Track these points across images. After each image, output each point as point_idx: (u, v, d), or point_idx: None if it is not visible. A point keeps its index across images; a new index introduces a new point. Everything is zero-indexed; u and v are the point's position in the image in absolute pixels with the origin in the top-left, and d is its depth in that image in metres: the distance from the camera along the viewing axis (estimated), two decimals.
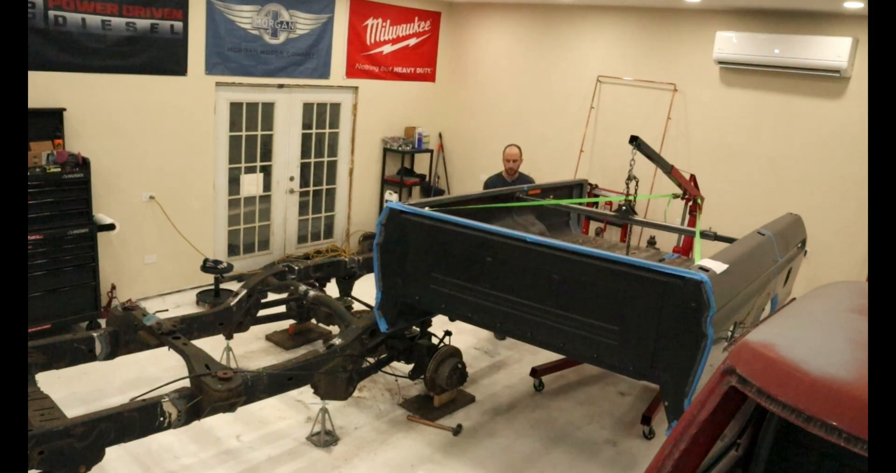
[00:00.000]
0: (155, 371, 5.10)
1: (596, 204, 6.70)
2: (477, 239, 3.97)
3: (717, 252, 3.85)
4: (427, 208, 4.32)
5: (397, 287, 4.41)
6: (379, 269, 4.39)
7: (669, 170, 5.30)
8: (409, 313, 4.63)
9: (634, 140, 4.73)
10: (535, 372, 5.55)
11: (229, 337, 5.17)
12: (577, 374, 5.89)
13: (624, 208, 5.26)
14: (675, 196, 5.85)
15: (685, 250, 6.16)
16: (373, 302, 5.12)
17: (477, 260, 4.00)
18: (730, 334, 3.64)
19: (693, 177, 6.22)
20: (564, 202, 5.82)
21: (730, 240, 4.90)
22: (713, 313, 3.22)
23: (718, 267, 3.46)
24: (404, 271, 4.35)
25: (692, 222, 5.91)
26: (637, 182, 5.05)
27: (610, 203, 6.92)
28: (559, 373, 5.84)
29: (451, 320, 4.75)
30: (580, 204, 5.97)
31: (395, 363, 5.18)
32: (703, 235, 4.98)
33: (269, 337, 6.00)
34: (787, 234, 4.86)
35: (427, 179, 9.10)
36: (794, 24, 6.33)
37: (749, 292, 3.82)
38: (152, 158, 6.30)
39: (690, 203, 5.89)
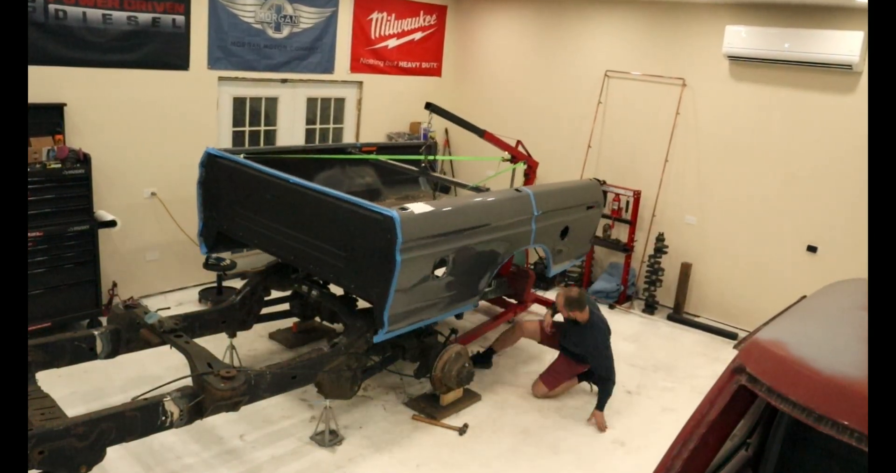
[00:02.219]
0: (157, 370, 5.05)
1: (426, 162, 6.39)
2: (262, 180, 4.76)
3: (444, 200, 4.78)
4: (242, 155, 5.20)
5: (213, 218, 5.25)
6: (200, 203, 5.28)
7: (482, 134, 6.13)
8: (225, 241, 5.37)
9: (429, 106, 5.76)
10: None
11: (232, 335, 5.14)
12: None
13: (423, 165, 6.02)
14: (504, 160, 6.39)
15: None
16: None
17: (262, 197, 4.80)
18: (440, 271, 4.41)
19: (519, 142, 6.46)
20: (384, 158, 6.36)
21: None
22: (401, 243, 3.94)
23: (419, 209, 4.22)
24: (217, 204, 5.19)
25: (528, 185, 6.33)
26: (435, 144, 6.15)
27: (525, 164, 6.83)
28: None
29: (248, 247, 5.50)
30: (392, 160, 6.32)
31: (400, 361, 5.12)
32: (477, 189, 5.72)
33: (272, 335, 5.94)
34: (563, 194, 5.65)
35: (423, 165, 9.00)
36: (804, 17, 6.24)
37: (465, 235, 4.50)
38: (154, 154, 6.24)
39: (525, 167, 6.45)
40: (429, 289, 4.38)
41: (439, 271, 4.42)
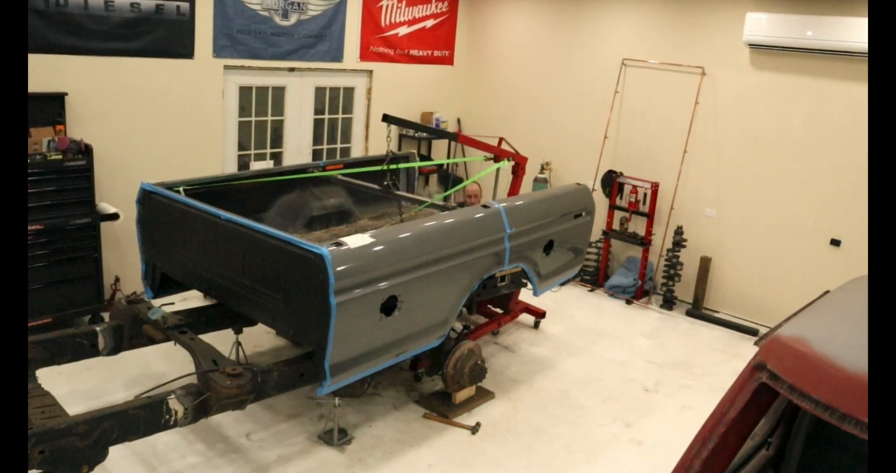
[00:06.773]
0: (161, 367, 5.02)
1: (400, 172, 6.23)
2: (195, 216, 4.37)
3: (390, 228, 4.42)
4: (181, 189, 4.81)
5: (154, 259, 4.85)
6: (140, 242, 4.86)
7: (455, 137, 6.03)
8: (171, 283, 4.94)
9: (386, 118, 5.40)
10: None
11: (238, 332, 5.05)
12: (600, 371, 5.69)
13: (386, 183, 5.63)
14: (487, 159, 6.06)
15: None
16: None
17: (197, 234, 4.40)
18: (391, 306, 3.90)
19: (502, 139, 6.18)
20: (335, 173, 6.01)
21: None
22: (333, 284, 3.52)
23: (356, 242, 3.76)
24: (157, 244, 4.80)
25: (516, 183, 6.07)
26: (407, 155, 6.01)
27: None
28: (587, 370, 5.64)
29: (190, 288, 5.09)
30: (348, 174, 5.96)
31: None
32: (433, 205, 5.47)
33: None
34: (542, 205, 5.18)
35: (445, 166, 8.90)
36: (826, 4, 6.10)
37: (418, 266, 4.05)
38: (158, 145, 6.16)
39: (513, 165, 6.07)
40: (380, 331, 3.94)
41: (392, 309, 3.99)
